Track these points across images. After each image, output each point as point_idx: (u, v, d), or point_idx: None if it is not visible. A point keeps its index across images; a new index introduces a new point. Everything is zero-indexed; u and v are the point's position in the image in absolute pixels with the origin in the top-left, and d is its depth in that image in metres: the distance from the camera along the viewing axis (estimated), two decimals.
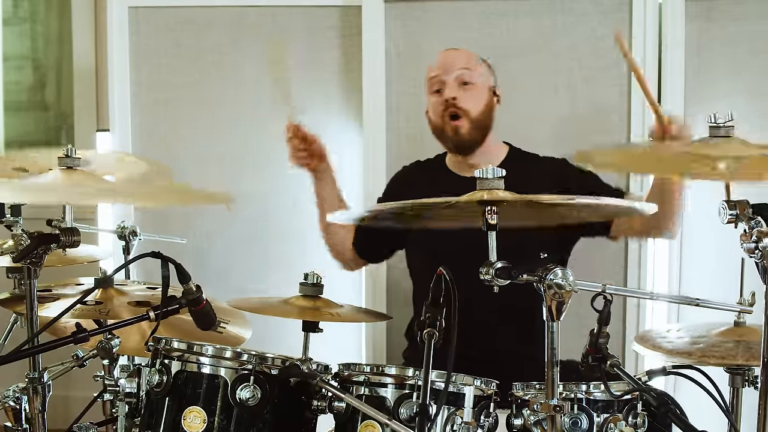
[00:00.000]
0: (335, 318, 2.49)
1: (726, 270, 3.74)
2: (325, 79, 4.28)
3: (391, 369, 2.34)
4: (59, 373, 2.82)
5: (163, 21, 4.29)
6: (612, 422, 2.29)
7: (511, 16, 4.07)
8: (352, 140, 4.25)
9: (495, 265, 2.08)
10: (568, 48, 4.04)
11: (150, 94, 4.30)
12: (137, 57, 4.28)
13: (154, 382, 2.38)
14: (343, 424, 2.33)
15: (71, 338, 2.29)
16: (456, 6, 4.12)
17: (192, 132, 4.30)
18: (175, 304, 2.35)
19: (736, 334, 2.53)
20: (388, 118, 4.17)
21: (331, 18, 4.25)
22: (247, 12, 4.29)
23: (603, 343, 2.18)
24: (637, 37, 3.92)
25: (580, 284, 2.07)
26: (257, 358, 2.36)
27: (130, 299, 2.73)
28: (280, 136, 4.00)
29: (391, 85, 4.16)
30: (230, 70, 4.29)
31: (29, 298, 2.39)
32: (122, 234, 3.52)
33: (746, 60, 3.90)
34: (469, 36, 4.07)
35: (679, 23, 3.89)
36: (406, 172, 3.70)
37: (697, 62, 3.93)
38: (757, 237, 1.97)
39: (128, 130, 4.27)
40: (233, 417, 2.34)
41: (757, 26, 3.88)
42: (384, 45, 4.14)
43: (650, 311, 3.90)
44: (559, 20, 4.04)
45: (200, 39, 4.29)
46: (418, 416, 1.97)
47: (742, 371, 2.51)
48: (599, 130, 3.98)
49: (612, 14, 3.96)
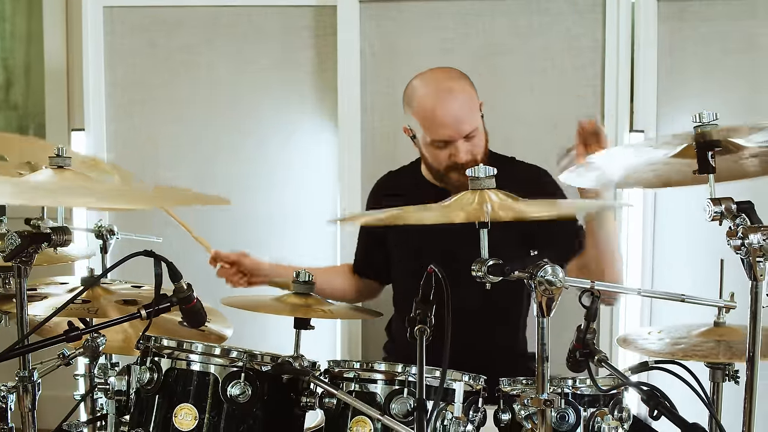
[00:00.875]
0: (327, 315, 2.53)
1: (698, 269, 3.84)
2: (300, 79, 4.30)
3: (381, 365, 2.37)
4: (45, 371, 2.81)
5: (138, 21, 4.30)
6: (599, 416, 2.33)
7: (487, 17, 4.10)
8: (327, 140, 4.28)
9: (487, 262, 2.11)
10: (543, 48, 4.08)
11: (125, 93, 4.31)
12: (112, 57, 4.29)
13: (145, 380, 2.38)
14: (334, 420, 2.35)
15: (63, 337, 2.30)
16: (431, 6, 4.15)
17: (167, 131, 4.32)
18: (167, 302, 2.36)
19: (716, 334, 2.56)
20: (363, 118, 4.20)
21: (305, 18, 4.27)
22: (222, 12, 4.30)
23: (590, 338, 2.22)
24: (611, 37, 3.97)
25: (570, 281, 2.11)
26: (247, 355, 2.37)
27: (117, 298, 2.73)
28: (253, 134, 4.06)
29: (366, 84, 4.19)
30: (205, 69, 4.31)
31: (19, 297, 2.38)
32: (99, 233, 3.51)
33: (718, 59, 3.95)
34: (445, 36, 4.12)
35: (651, 23, 3.94)
36: (382, 185, 3.64)
37: (670, 62, 3.99)
38: (743, 234, 2.01)
39: (103, 129, 4.28)
40: (224, 414, 2.34)
41: (728, 27, 3.94)
42: (359, 45, 4.17)
43: (623, 313, 3.96)
44: (535, 20, 4.08)
45: (175, 39, 4.31)
46: (416, 411, 2.00)
47: (723, 366, 2.56)
48: (573, 131, 4.01)
49: (586, 14, 4.01)
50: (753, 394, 2.09)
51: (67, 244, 2.39)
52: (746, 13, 3.92)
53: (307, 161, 4.28)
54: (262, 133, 4.29)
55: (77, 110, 4.58)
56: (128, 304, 2.70)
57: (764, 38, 3.90)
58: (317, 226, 4.28)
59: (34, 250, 2.36)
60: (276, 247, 4.15)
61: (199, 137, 4.31)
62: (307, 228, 4.32)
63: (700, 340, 2.54)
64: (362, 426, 2.30)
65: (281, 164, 4.28)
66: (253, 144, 4.27)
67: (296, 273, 2.64)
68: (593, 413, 2.35)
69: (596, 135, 3.08)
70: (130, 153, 4.24)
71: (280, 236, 4.27)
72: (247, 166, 4.26)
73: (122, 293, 2.78)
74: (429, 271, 2.18)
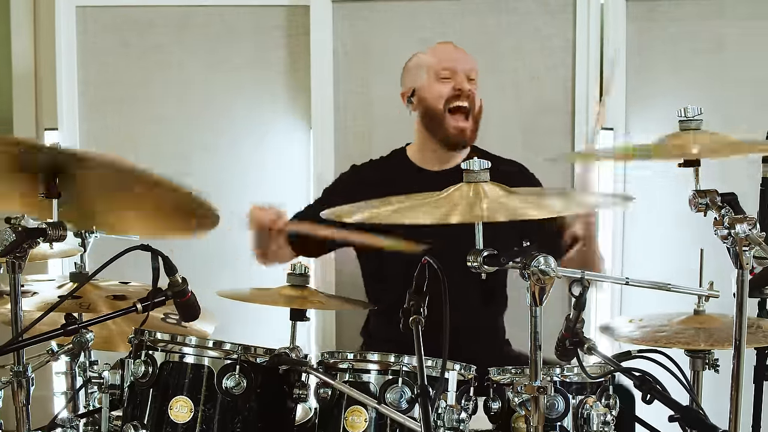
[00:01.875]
0: (322, 306, 2.56)
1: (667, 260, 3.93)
2: (272, 79, 4.33)
3: (375, 356, 2.41)
4: (36, 367, 2.83)
5: (111, 20, 4.31)
6: (587, 403, 2.40)
7: (458, 16, 4.16)
8: (299, 139, 4.31)
9: (482, 253, 2.17)
10: (514, 48, 4.15)
11: (97, 92, 4.32)
12: (85, 56, 4.30)
13: (140, 373, 2.42)
14: (329, 410, 2.39)
15: (62, 330, 2.33)
16: (403, 6, 4.20)
17: (140, 130, 4.32)
18: (162, 296, 2.39)
19: (696, 322, 2.66)
20: (336, 117, 4.23)
21: (277, 18, 4.30)
22: (194, 11, 4.32)
23: (579, 327, 2.28)
24: (581, 37, 4.05)
25: (562, 271, 2.17)
26: (241, 347, 2.41)
27: (107, 293, 2.76)
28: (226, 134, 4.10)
29: (339, 84, 4.22)
30: (177, 69, 4.33)
31: (13, 293, 2.41)
32: (79, 232, 3.52)
33: (686, 58, 4.04)
34: (417, 36, 4.15)
35: (620, 23, 4.03)
36: (358, 172, 3.67)
37: (639, 61, 4.07)
38: (729, 224, 2.08)
39: (76, 128, 4.29)
40: (219, 406, 2.39)
41: (696, 26, 4.03)
42: (332, 44, 4.20)
43: (595, 303, 4.04)
44: (504, 20, 4.14)
45: (148, 38, 4.32)
46: (420, 397, 2.05)
47: (702, 355, 2.64)
48: (545, 130, 4.10)
49: (557, 14, 4.09)
50: (740, 381, 2.16)
51: (63, 239, 2.42)
52: (714, 13, 4.01)
53: (280, 160, 4.30)
54: (235, 132, 4.32)
55: (46, 110, 4.57)
56: (117, 299, 2.73)
57: (732, 38, 4.00)
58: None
59: (29, 246, 2.38)
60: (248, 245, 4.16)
61: (172, 136, 4.33)
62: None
63: (681, 327, 2.63)
64: (357, 415, 2.34)
65: (254, 164, 4.30)
66: (226, 143, 4.29)
67: (291, 266, 2.68)
68: (581, 401, 2.42)
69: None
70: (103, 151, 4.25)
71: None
72: (221, 165, 4.27)
73: (111, 289, 2.81)
74: (423, 263, 2.23)
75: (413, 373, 2.33)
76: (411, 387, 2.33)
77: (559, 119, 4.12)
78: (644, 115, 4.02)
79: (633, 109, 4.04)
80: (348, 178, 3.69)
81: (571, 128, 4.09)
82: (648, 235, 4.10)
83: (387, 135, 4.10)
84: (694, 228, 3.35)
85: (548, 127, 4.12)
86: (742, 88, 4.00)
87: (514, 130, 4.09)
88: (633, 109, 4.04)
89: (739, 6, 4.01)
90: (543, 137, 4.08)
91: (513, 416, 2.46)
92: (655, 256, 4.07)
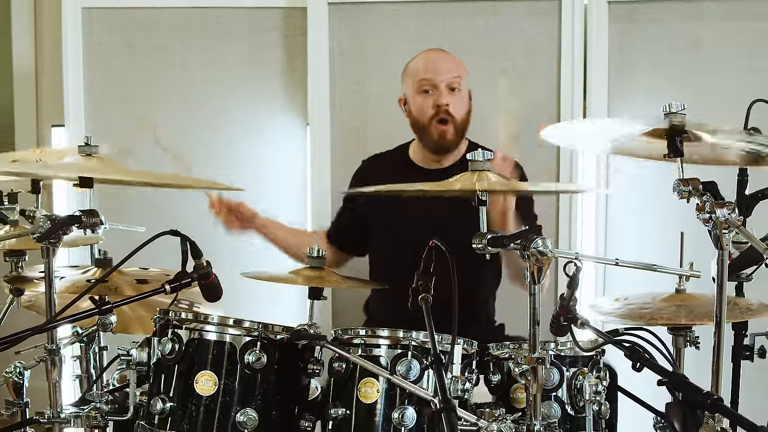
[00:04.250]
0: (338, 284, 2.77)
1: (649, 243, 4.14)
2: (269, 78, 4.51)
3: (385, 331, 2.61)
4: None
5: (116, 22, 4.49)
6: (580, 375, 2.61)
7: (447, 18, 4.35)
8: (295, 136, 4.50)
9: (486, 235, 2.37)
10: (502, 48, 4.34)
11: (103, 91, 4.50)
12: (90, 56, 4.48)
13: (167, 351, 2.58)
14: (344, 382, 2.58)
15: (97, 309, 2.51)
16: (396, 8, 4.39)
17: (142, 127, 4.46)
18: (188, 278, 2.57)
19: (678, 300, 2.87)
20: (332, 115, 4.41)
21: (274, 19, 4.49)
22: (193, 13, 4.50)
23: (573, 305, 2.48)
24: (566, 37, 4.25)
25: (558, 252, 2.38)
26: (261, 325, 2.59)
27: (130, 278, 2.93)
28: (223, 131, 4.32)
29: (335, 82, 4.40)
30: (180, 68, 4.51)
31: (48, 276, 2.59)
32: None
33: (665, 57, 4.24)
34: (409, 36, 4.36)
35: (603, 24, 4.23)
36: (368, 166, 3.91)
37: (620, 59, 4.26)
38: (710, 209, 2.29)
39: (81, 125, 4.45)
40: (241, 380, 2.56)
41: (675, 27, 4.23)
42: (328, 45, 4.39)
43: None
44: (492, 21, 4.34)
45: (151, 39, 4.50)
46: (434, 364, 2.25)
47: (684, 333, 2.85)
48: (530, 128, 4.26)
49: (542, 16, 4.29)
50: (720, 354, 2.38)
51: (96, 226, 2.59)
52: (692, 15, 4.21)
53: (277, 158, 4.49)
54: (233, 129, 4.50)
55: (54, 107, 4.72)
56: (140, 283, 2.90)
57: (708, 38, 4.20)
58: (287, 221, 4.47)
59: (63, 232, 2.56)
60: (245, 241, 4.30)
61: (173, 134, 4.44)
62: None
63: (664, 305, 2.85)
64: (370, 386, 2.54)
65: (252, 160, 4.47)
66: (225, 140, 4.46)
67: (309, 249, 2.89)
68: (575, 372, 2.63)
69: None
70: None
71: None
72: (220, 161, 4.43)
73: (133, 273, 2.98)
74: (430, 245, 2.44)
75: (421, 347, 2.54)
76: (419, 360, 2.52)
77: (545, 115, 4.29)
78: (626, 110, 4.22)
79: (614, 105, 4.23)
80: (368, 165, 3.93)
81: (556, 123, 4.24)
82: (629, 221, 4.30)
83: (381, 131, 4.33)
84: (671, 215, 3.62)
85: (534, 123, 4.25)
86: (717, 85, 4.19)
87: (502, 125, 4.20)
88: (614, 105, 4.23)
89: (715, 8, 4.20)
90: (529, 132, 4.25)
91: (512, 387, 2.68)
92: (635, 242, 4.27)
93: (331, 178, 4.38)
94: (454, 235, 2.39)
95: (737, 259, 2.98)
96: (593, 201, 4.30)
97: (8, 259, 3.08)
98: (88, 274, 2.98)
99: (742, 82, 4.16)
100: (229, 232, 3.70)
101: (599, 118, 4.11)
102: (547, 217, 4.08)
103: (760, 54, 4.18)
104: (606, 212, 4.29)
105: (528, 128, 4.23)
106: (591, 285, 4.24)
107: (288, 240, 3.75)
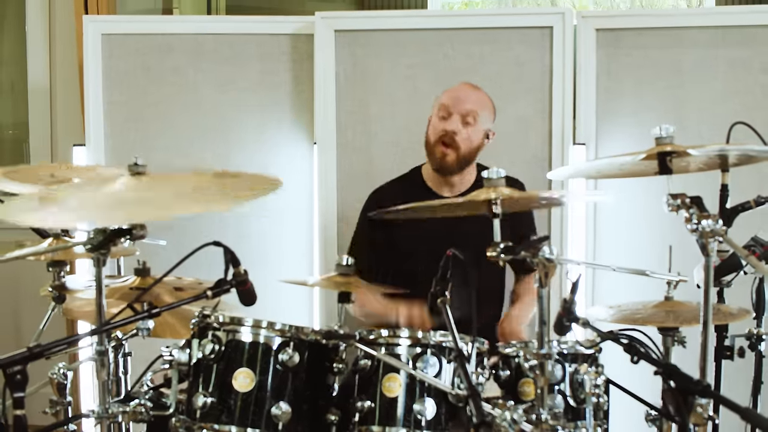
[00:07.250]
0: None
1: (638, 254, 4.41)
2: (278, 100, 4.79)
3: (405, 332, 2.88)
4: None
5: (134, 46, 4.77)
6: (581, 370, 2.88)
7: (447, 45, 4.63)
8: (302, 155, 4.77)
9: (500, 245, 2.66)
10: (497, 73, 4.59)
11: (121, 112, 4.78)
12: (109, 78, 4.76)
13: (208, 351, 2.83)
14: (368, 377, 2.84)
15: (147, 314, 2.75)
16: (397, 35, 4.67)
17: (160, 146, 4.78)
18: (227, 285, 2.81)
19: (667, 306, 3.15)
20: (338, 134, 4.69)
21: (283, 45, 4.78)
22: (207, 39, 4.80)
23: (574, 308, 2.75)
24: (557, 62, 4.52)
25: (563, 259, 2.67)
26: (294, 327, 2.84)
27: (168, 286, 3.18)
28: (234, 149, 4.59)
29: (340, 104, 4.68)
30: (192, 90, 4.79)
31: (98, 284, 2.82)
32: None
33: (649, 82, 4.51)
34: (410, 62, 4.66)
35: (591, 50, 4.52)
36: (386, 191, 4.08)
37: (608, 82, 4.55)
38: (698, 220, 2.57)
39: (101, 144, 4.73)
40: (275, 376, 2.80)
41: (658, 54, 4.50)
42: (334, 69, 4.67)
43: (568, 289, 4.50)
44: (487, 49, 4.61)
45: (166, 62, 4.78)
46: (458, 358, 2.53)
47: (672, 333, 3.13)
48: (522, 146, 4.59)
49: (536, 43, 4.56)
50: (706, 352, 2.66)
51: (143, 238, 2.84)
52: (674, 42, 4.49)
53: (286, 175, 4.71)
54: (244, 148, 4.79)
55: (60, 124, 4.95)
56: (177, 290, 3.16)
57: (689, 64, 4.48)
58: (295, 240, 4.80)
59: (113, 244, 2.80)
60: (255, 260, 4.47)
61: (187, 151, 4.78)
62: (285, 241, 4.82)
63: (655, 311, 3.14)
64: (393, 381, 2.79)
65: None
66: (237, 158, 4.75)
67: (339, 258, 3.16)
68: (576, 368, 2.91)
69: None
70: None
71: (259, 251, 4.74)
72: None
73: (171, 282, 3.23)
74: (448, 254, 2.72)
75: (438, 346, 2.81)
76: (438, 357, 2.79)
77: (534, 137, 4.58)
78: (612, 131, 4.52)
79: (602, 126, 4.52)
80: (385, 189, 4.12)
81: (548, 145, 4.57)
82: (618, 233, 4.54)
83: (383, 149, 4.64)
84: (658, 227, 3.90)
85: (525, 144, 4.60)
86: (697, 108, 4.47)
87: (500, 148, 4.35)
88: (603, 126, 4.52)
89: (695, 36, 4.48)
90: (523, 151, 4.55)
91: (520, 381, 2.97)
92: (623, 252, 4.50)
93: (336, 194, 4.67)
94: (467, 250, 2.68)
95: (718, 267, 3.27)
96: (583, 213, 4.53)
97: (51, 269, 3.30)
98: (128, 283, 3.22)
99: (721, 104, 4.43)
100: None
101: (598, 159, 4.36)
102: (538, 230, 4.32)
103: (737, 78, 4.45)
104: (594, 225, 4.53)
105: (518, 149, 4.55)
106: (581, 295, 4.44)
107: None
